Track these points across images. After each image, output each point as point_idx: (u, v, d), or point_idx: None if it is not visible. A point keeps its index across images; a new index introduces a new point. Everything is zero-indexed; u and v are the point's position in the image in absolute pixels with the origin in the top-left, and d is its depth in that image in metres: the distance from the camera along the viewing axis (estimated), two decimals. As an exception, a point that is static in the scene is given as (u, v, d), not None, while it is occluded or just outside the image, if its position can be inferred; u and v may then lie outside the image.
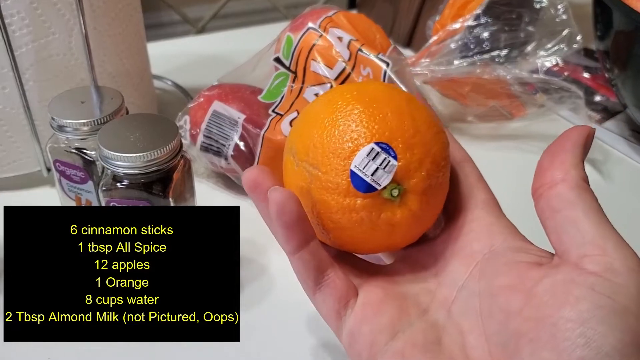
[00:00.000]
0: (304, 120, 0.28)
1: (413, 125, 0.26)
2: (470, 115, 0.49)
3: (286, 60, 0.41)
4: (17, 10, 0.37)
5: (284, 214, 0.25)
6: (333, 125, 0.26)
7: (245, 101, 0.41)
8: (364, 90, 0.27)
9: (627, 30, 0.45)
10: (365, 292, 0.27)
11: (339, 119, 0.26)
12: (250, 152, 0.40)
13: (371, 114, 0.26)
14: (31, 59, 0.39)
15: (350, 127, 0.26)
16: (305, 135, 0.27)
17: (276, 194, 0.24)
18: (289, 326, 0.35)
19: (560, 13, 0.45)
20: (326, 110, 0.27)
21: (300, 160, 0.27)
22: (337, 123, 0.26)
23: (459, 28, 0.45)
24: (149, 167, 0.31)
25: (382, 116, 0.26)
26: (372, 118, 0.26)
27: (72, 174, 0.36)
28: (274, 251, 0.39)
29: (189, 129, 0.42)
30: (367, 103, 0.26)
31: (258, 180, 0.26)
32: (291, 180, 0.28)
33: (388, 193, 0.25)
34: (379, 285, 0.27)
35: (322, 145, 0.26)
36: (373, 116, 0.26)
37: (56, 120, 0.35)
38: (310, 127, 0.27)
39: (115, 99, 0.36)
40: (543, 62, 0.44)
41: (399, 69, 0.40)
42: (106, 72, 0.43)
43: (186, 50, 0.63)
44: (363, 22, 0.42)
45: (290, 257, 0.27)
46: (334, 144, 0.26)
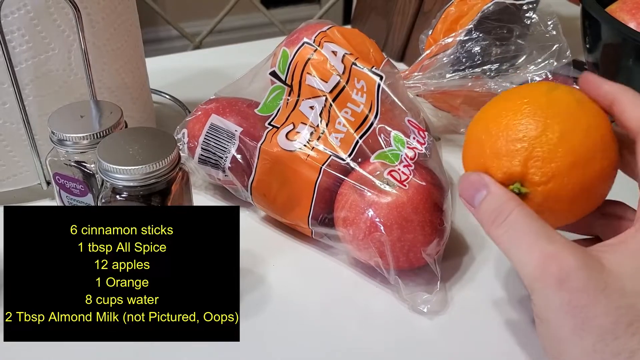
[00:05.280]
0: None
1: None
2: (462, 126, 0.50)
3: (282, 74, 0.42)
4: (17, 27, 0.38)
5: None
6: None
7: (242, 114, 0.42)
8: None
9: (615, 43, 0.46)
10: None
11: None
12: (247, 164, 0.41)
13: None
14: (31, 75, 0.40)
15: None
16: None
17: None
18: (288, 336, 0.35)
19: (550, 29, 0.46)
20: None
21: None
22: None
23: (451, 42, 0.46)
24: (147, 180, 0.31)
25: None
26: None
27: (72, 186, 0.37)
28: (273, 261, 0.40)
29: (187, 142, 0.43)
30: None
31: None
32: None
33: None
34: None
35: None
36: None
37: (56, 134, 0.35)
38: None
39: (114, 113, 0.37)
40: (533, 76, 0.45)
41: (392, 82, 0.41)
42: (105, 87, 0.43)
43: (184, 65, 0.64)
44: (357, 37, 0.43)
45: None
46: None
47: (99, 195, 0.33)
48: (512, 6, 0.47)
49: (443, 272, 0.37)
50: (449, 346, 0.35)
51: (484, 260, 0.40)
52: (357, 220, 0.36)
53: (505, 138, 0.30)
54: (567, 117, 0.29)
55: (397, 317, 0.36)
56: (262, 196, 0.41)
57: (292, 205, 0.39)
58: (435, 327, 0.36)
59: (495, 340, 0.35)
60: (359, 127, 0.39)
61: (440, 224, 0.36)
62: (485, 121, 0.32)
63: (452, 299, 0.37)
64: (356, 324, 0.36)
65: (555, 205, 0.30)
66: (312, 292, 0.38)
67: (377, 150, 0.38)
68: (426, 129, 0.41)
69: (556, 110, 0.29)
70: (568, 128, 0.29)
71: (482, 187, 0.29)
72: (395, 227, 0.35)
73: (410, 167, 0.37)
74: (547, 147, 0.29)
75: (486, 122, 0.31)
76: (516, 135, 0.29)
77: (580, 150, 0.29)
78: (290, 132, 0.40)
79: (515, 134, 0.29)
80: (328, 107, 0.40)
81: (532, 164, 0.29)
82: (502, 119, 0.30)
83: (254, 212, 0.43)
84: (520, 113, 0.30)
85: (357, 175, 0.37)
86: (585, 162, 0.29)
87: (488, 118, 0.32)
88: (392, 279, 0.36)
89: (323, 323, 0.36)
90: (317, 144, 0.39)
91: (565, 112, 0.30)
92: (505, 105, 0.31)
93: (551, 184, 0.29)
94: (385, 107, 0.40)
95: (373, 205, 0.36)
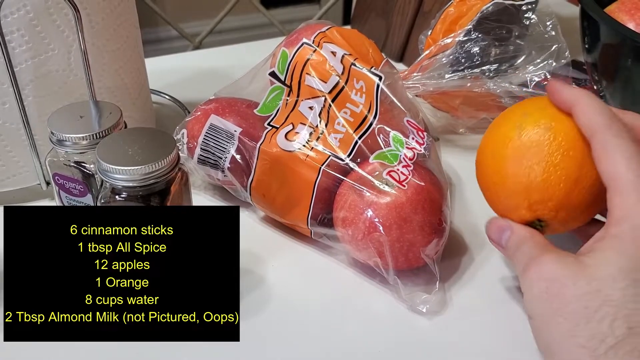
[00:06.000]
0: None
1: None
2: (461, 127, 0.50)
3: (281, 75, 0.42)
4: (17, 27, 0.38)
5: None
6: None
7: (242, 115, 0.42)
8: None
9: (614, 43, 0.46)
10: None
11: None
12: (246, 164, 0.41)
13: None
14: (31, 75, 0.40)
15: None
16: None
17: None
18: (287, 336, 0.35)
19: (549, 29, 0.46)
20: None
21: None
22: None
23: (450, 43, 0.46)
24: (147, 180, 0.32)
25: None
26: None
27: (71, 187, 0.37)
28: (272, 261, 0.40)
29: (186, 142, 0.43)
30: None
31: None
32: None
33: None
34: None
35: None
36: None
37: (55, 135, 0.35)
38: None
39: (113, 114, 0.37)
40: (532, 76, 0.45)
41: (391, 82, 0.41)
42: (105, 87, 0.44)
43: (184, 65, 0.64)
44: (356, 37, 0.43)
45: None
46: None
47: (99, 195, 0.33)
48: (511, 7, 0.47)
49: (442, 272, 0.37)
50: (448, 346, 0.35)
51: (483, 260, 0.40)
52: (356, 221, 0.36)
53: (505, 193, 0.33)
54: (545, 153, 0.32)
55: (396, 317, 0.36)
56: (262, 196, 0.41)
57: (291, 205, 0.39)
58: (434, 327, 0.36)
59: (494, 340, 0.35)
60: (358, 127, 0.39)
61: (439, 224, 0.37)
62: (486, 170, 0.35)
63: (451, 299, 0.37)
64: (355, 324, 0.36)
65: (572, 220, 0.34)
66: (311, 292, 0.38)
67: (376, 150, 0.39)
68: (425, 129, 0.41)
69: (533, 150, 0.32)
70: (549, 164, 0.32)
71: (507, 229, 0.33)
72: (394, 228, 0.35)
73: (409, 168, 0.37)
74: (539, 190, 0.32)
75: (486, 171, 0.35)
76: (512, 187, 0.33)
77: (567, 176, 0.32)
78: (290, 133, 0.40)
79: (511, 186, 0.33)
80: (327, 108, 0.40)
81: (536, 208, 0.32)
82: (495, 170, 0.34)
83: (253, 212, 0.44)
84: (505, 161, 0.33)
85: (356, 176, 0.38)
86: (576, 182, 0.32)
87: (486, 165, 0.35)
88: (391, 279, 0.36)
89: (322, 323, 0.36)
90: (316, 144, 0.39)
91: (541, 150, 0.32)
92: (494, 152, 0.34)
93: (560, 213, 0.32)
94: (385, 108, 0.40)
95: (372, 205, 0.36)
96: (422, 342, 0.35)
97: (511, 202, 0.33)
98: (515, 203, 0.33)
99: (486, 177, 0.35)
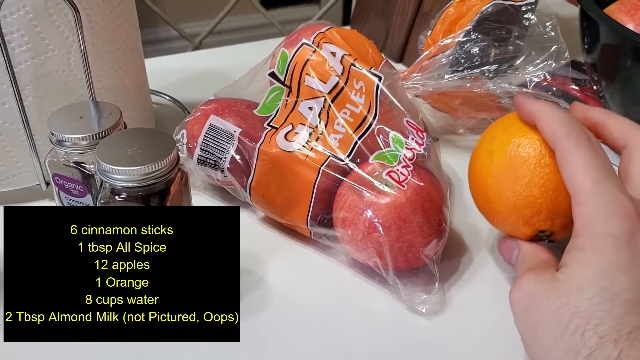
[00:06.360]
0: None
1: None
2: (461, 127, 0.50)
3: (281, 75, 0.42)
4: (16, 28, 0.38)
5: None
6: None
7: (241, 115, 0.42)
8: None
9: (614, 43, 0.46)
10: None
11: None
12: (246, 164, 0.41)
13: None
14: (30, 75, 0.40)
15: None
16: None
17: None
18: (287, 336, 0.35)
19: (549, 30, 0.46)
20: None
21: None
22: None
23: (450, 43, 0.46)
24: (146, 180, 0.32)
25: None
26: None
27: (71, 187, 0.37)
28: (272, 261, 0.40)
29: (186, 143, 0.43)
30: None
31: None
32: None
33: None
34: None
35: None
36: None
37: (55, 135, 0.35)
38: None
39: (113, 114, 0.37)
40: (532, 77, 0.45)
41: (391, 82, 0.41)
42: (104, 88, 0.44)
43: (183, 66, 0.64)
44: (356, 38, 0.43)
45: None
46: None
47: (98, 196, 0.33)
48: (511, 7, 0.47)
49: (441, 273, 0.37)
50: (447, 346, 0.35)
51: (483, 260, 0.40)
52: (356, 221, 0.36)
53: (500, 216, 0.35)
54: (521, 171, 0.33)
55: (395, 318, 0.36)
56: (261, 197, 0.41)
57: (290, 205, 0.39)
58: (434, 328, 0.36)
59: (493, 341, 0.35)
60: (357, 127, 0.39)
61: (439, 224, 0.37)
62: (477, 199, 0.37)
63: (450, 299, 0.37)
64: (355, 324, 0.36)
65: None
66: (311, 292, 0.38)
67: (376, 150, 0.39)
68: (425, 130, 0.41)
69: (509, 172, 0.33)
70: (527, 179, 0.33)
71: (515, 248, 0.35)
72: (394, 228, 0.35)
73: (409, 168, 0.37)
74: (526, 206, 0.33)
75: (478, 199, 0.37)
76: (503, 210, 0.34)
77: (547, 186, 0.32)
78: (289, 133, 0.40)
79: (502, 210, 0.34)
80: (327, 108, 0.40)
81: (532, 222, 0.33)
82: (484, 198, 0.36)
83: (253, 212, 0.44)
84: (488, 189, 0.35)
85: (356, 176, 0.38)
86: (557, 189, 0.32)
87: (476, 195, 0.37)
88: (390, 279, 0.36)
89: (322, 323, 0.36)
90: (315, 145, 0.39)
91: (515, 169, 0.33)
92: (477, 181, 0.36)
93: (556, 220, 0.33)
94: (384, 108, 0.40)
95: (372, 205, 0.36)
96: (422, 342, 0.35)
97: (509, 223, 0.34)
98: (513, 223, 0.34)
99: (480, 205, 0.37)
